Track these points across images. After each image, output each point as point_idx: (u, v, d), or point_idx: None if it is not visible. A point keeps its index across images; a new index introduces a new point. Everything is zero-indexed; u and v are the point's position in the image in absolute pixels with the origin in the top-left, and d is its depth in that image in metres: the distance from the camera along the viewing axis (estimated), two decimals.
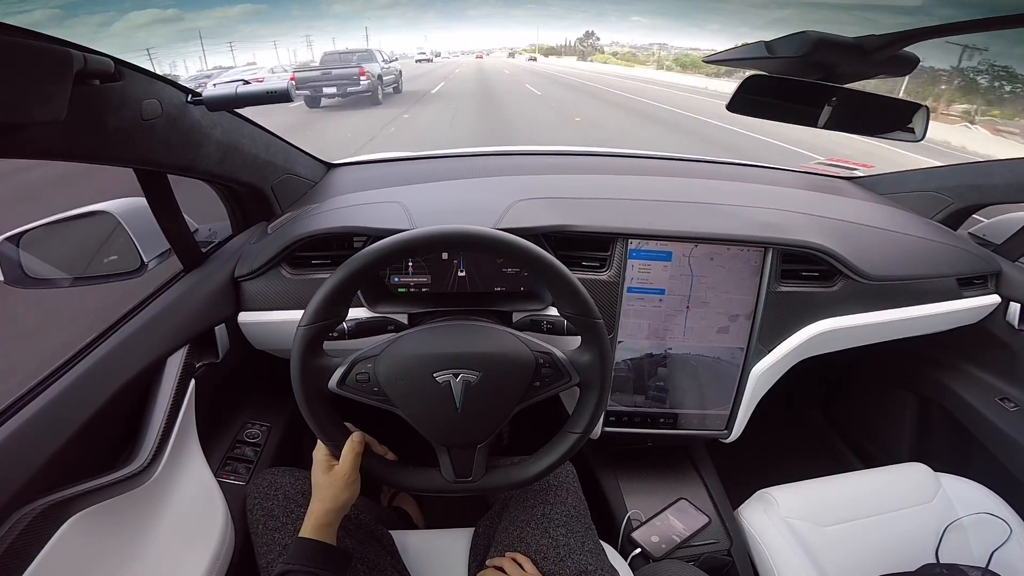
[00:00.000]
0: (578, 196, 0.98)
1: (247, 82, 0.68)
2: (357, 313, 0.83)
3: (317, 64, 11.23)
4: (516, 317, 0.85)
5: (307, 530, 0.62)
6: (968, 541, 0.89)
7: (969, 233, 1.22)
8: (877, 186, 1.35)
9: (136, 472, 0.64)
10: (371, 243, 0.63)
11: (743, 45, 0.70)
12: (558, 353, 0.65)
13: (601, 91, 15.22)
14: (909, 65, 0.67)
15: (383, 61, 11.65)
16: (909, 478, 0.99)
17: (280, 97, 0.68)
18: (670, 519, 0.98)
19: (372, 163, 1.30)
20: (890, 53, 0.64)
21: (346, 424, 0.68)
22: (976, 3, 0.57)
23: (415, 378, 0.63)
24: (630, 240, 0.87)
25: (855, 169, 1.49)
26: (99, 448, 0.66)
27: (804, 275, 0.93)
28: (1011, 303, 1.07)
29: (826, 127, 0.72)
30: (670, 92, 15.85)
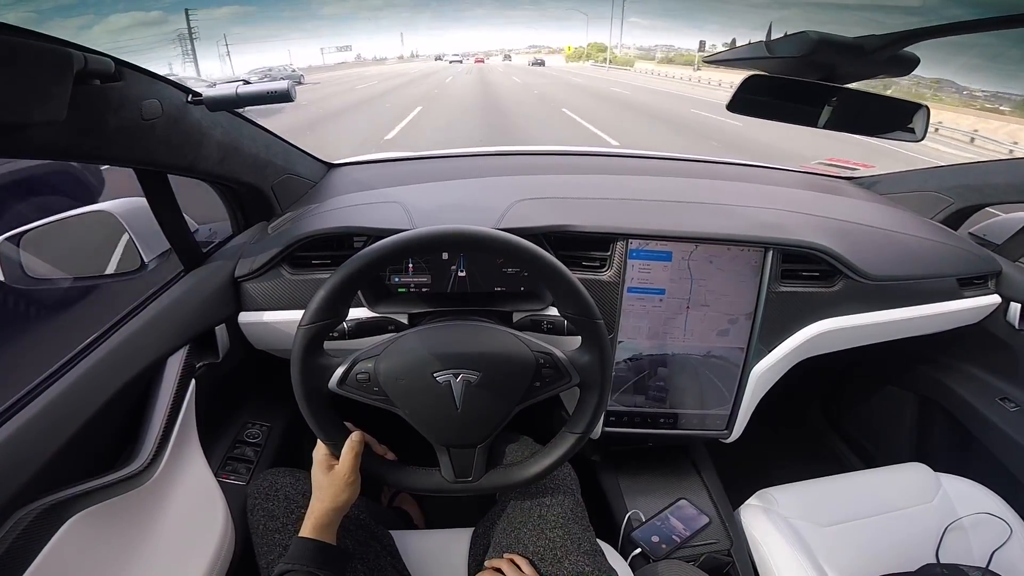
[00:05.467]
0: (578, 196, 0.98)
1: (247, 82, 0.68)
2: (357, 313, 0.83)
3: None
4: (516, 317, 0.85)
5: (307, 530, 0.63)
6: (968, 541, 0.89)
7: (969, 233, 1.22)
8: (877, 186, 1.35)
9: (136, 472, 0.64)
10: (371, 243, 0.63)
11: (743, 45, 0.70)
12: (558, 353, 0.65)
13: None
14: (909, 65, 0.67)
15: None
16: (909, 478, 0.99)
17: (280, 97, 0.68)
18: (670, 519, 0.98)
19: (372, 163, 1.30)
20: (890, 53, 0.64)
21: (346, 424, 0.68)
22: (978, 3, 0.57)
23: (415, 378, 0.63)
24: (630, 240, 0.87)
25: (855, 169, 1.49)
26: (99, 448, 0.66)
27: (804, 275, 0.93)
28: (1011, 303, 1.07)
29: (826, 127, 0.72)
30: None
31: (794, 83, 0.68)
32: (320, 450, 0.67)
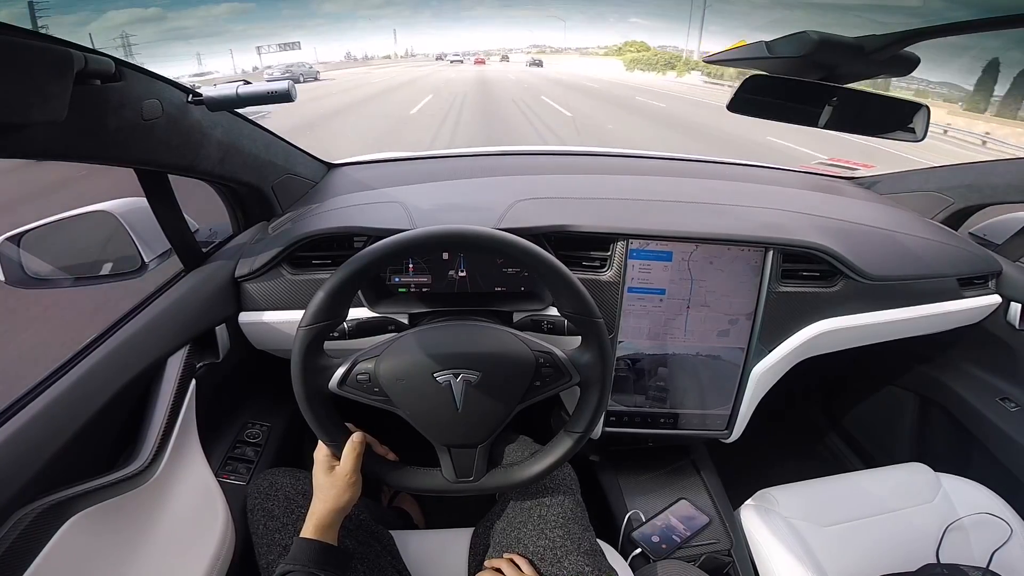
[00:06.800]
0: (579, 196, 0.98)
1: (247, 82, 0.68)
2: (358, 313, 0.83)
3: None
4: (516, 317, 0.85)
5: (308, 530, 0.63)
6: (969, 541, 0.89)
7: (970, 233, 1.22)
8: (878, 186, 1.35)
9: (137, 472, 0.64)
10: (371, 243, 0.63)
11: (744, 45, 0.70)
12: (558, 352, 0.65)
13: None
14: (909, 65, 0.67)
15: None
16: (910, 478, 0.99)
17: (281, 97, 0.68)
18: (670, 519, 0.98)
19: (373, 163, 1.30)
20: (890, 53, 0.64)
21: (347, 424, 0.68)
22: (978, 3, 0.57)
23: (415, 378, 0.63)
24: (630, 240, 0.87)
25: (856, 169, 1.49)
26: (100, 448, 0.66)
27: (805, 275, 0.93)
28: (1011, 303, 1.07)
29: (827, 127, 0.71)
30: None
31: (795, 83, 0.68)
32: (321, 451, 0.67)
